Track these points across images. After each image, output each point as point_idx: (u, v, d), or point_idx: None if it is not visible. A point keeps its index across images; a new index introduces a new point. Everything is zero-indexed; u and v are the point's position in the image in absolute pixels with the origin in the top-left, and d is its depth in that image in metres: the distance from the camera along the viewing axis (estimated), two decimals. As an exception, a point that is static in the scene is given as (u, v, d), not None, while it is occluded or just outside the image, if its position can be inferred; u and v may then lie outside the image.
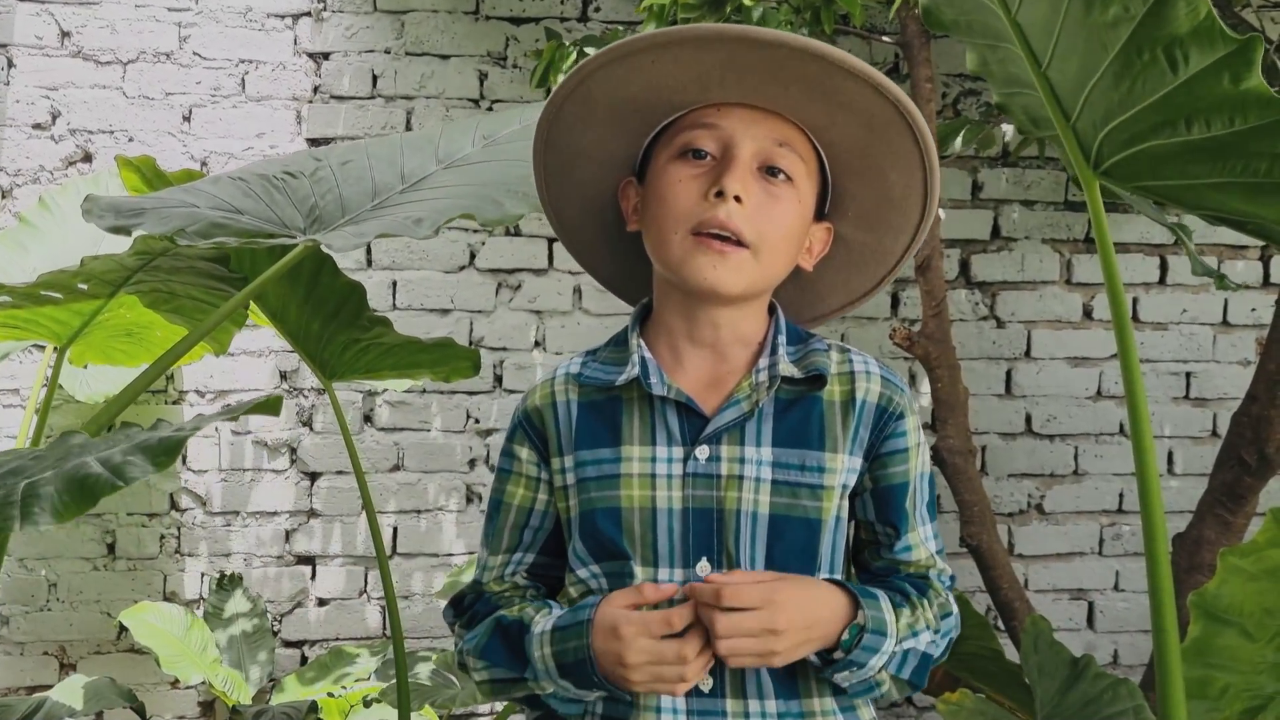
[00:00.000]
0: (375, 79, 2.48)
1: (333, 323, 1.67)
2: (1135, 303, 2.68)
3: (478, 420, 2.54)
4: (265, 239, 1.25)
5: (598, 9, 2.54)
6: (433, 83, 2.49)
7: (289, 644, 2.50)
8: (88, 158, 2.40)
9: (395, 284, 2.51)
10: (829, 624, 0.93)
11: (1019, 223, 2.65)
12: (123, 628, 2.34)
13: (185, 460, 2.46)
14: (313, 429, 2.49)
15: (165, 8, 2.41)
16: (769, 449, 0.96)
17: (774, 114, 0.98)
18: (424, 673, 2.13)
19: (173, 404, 2.45)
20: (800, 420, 0.98)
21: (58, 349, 1.86)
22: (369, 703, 2.10)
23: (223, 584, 2.41)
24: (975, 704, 1.62)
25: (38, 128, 2.39)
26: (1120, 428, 2.67)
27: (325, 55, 2.47)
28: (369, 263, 2.50)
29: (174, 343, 1.93)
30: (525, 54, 2.50)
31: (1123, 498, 2.69)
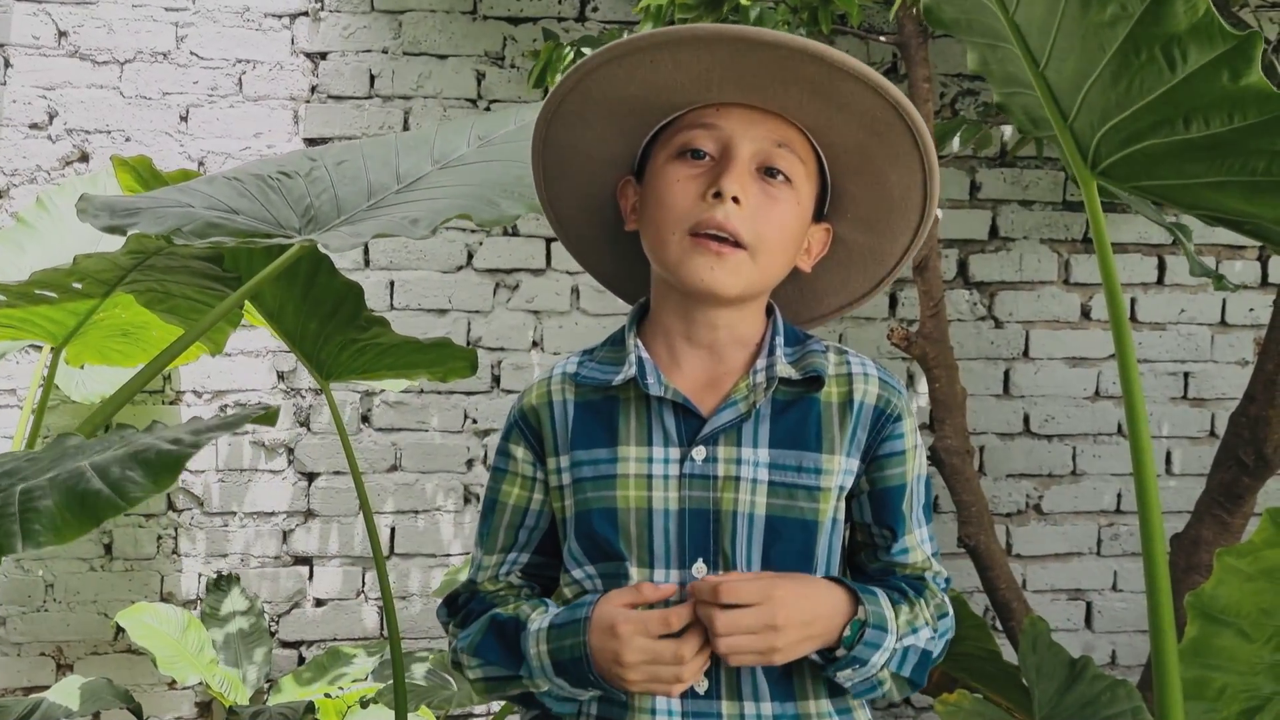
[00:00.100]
0: (373, 79, 2.48)
1: (330, 323, 1.66)
2: (1133, 303, 2.68)
3: (475, 420, 2.53)
4: (262, 239, 1.25)
5: (595, 9, 2.54)
6: (430, 83, 2.49)
7: (286, 644, 2.50)
8: (85, 157, 2.40)
9: (393, 284, 2.50)
10: (829, 620, 0.92)
11: (1017, 223, 2.65)
12: (120, 628, 2.33)
13: (182, 460, 2.45)
14: (310, 429, 2.49)
15: (162, 7, 2.40)
16: (766, 450, 0.96)
17: (773, 114, 0.97)
18: (421, 673, 2.12)
19: (170, 404, 2.44)
20: (797, 421, 0.97)
21: (53, 349, 1.85)
22: (366, 703, 2.10)
23: (219, 584, 2.41)
24: (973, 705, 1.62)
25: (35, 127, 2.38)
26: (1118, 428, 2.67)
27: (323, 55, 2.47)
28: (366, 263, 2.49)
29: (168, 342, 1.93)
30: (523, 54, 2.50)
31: (1121, 498, 2.69)
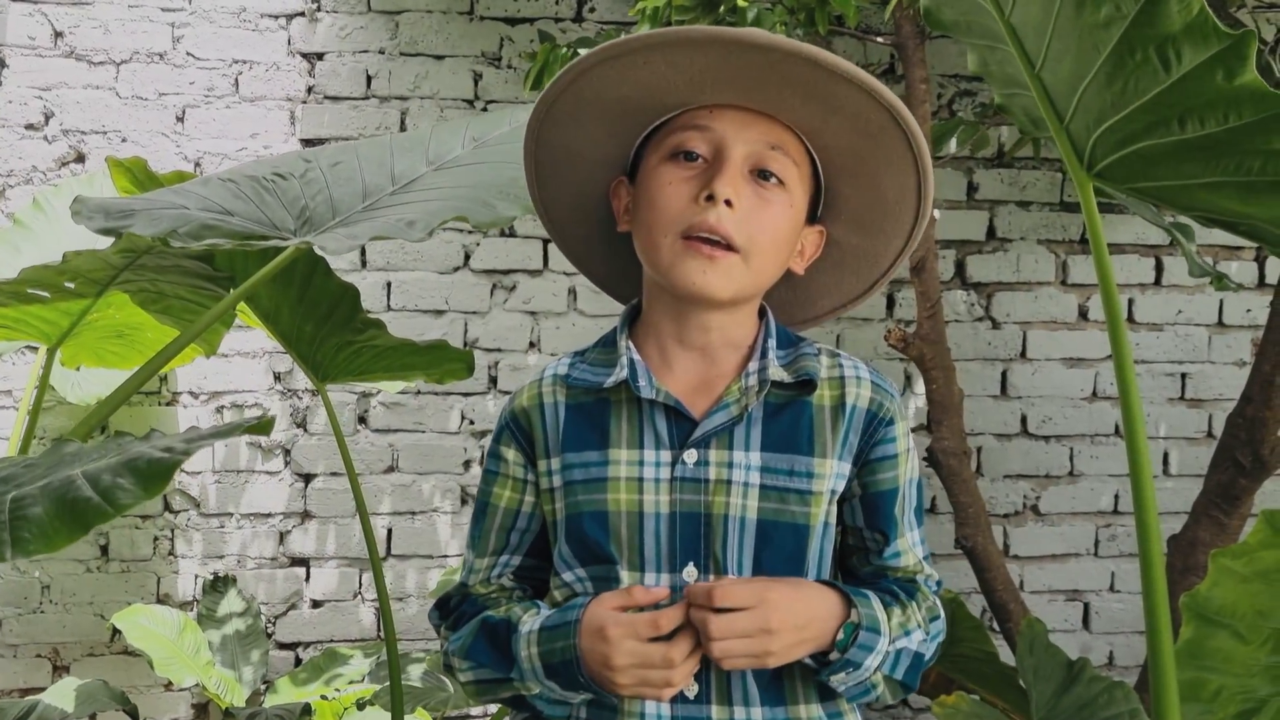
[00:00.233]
0: (369, 79, 2.48)
1: (325, 325, 1.66)
2: (1130, 303, 2.68)
3: (472, 421, 2.53)
4: (257, 241, 1.24)
5: (592, 9, 2.53)
6: (427, 83, 2.49)
7: (283, 645, 2.50)
8: (81, 158, 2.40)
9: (390, 285, 2.50)
10: (823, 622, 0.92)
11: (1014, 223, 2.65)
12: (116, 630, 2.33)
13: (179, 462, 2.45)
14: (307, 430, 2.49)
15: (158, 8, 2.40)
16: (757, 454, 0.96)
17: (767, 116, 0.97)
18: (417, 675, 2.12)
19: (166, 405, 2.44)
20: (789, 425, 0.97)
21: (48, 350, 1.85)
22: (362, 705, 2.10)
23: (216, 586, 2.41)
24: (971, 707, 1.62)
25: (31, 128, 2.38)
26: (1116, 429, 2.67)
27: (319, 55, 2.47)
28: (363, 264, 2.49)
29: (164, 343, 1.93)
30: (520, 54, 2.50)
31: (1118, 499, 2.69)
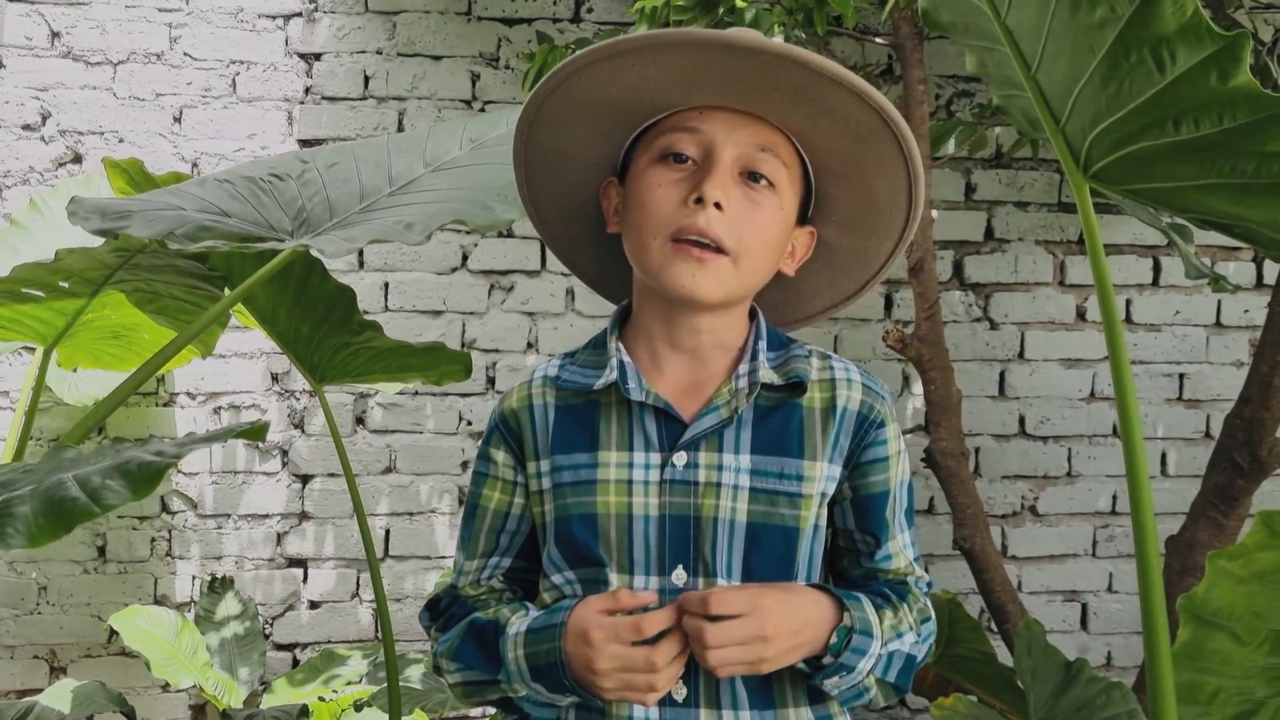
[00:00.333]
0: (367, 80, 2.48)
1: (322, 326, 1.66)
2: (1128, 304, 2.68)
3: (470, 422, 2.53)
4: (254, 243, 1.24)
5: (590, 10, 2.53)
6: (425, 84, 2.49)
7: (280, 647, 2.49)
8: (78, 159, 2.39)
9: (387, 285, 2.50)
10: (816, 627, 0.92)
11: (1012, 224, 2.65)
12: (113, 631, 2.33)
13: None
14: (304, 431, 2.48)
15: (156, 8, 2.40)
16: (747, 456, 0.96)
17: (757, 118, 0.96)
18: (415, 676, 2.12)
19: (163, 406, 2.44)
20: (780, 427, 0.97)
21: (44, 350, 1.85)
22: (360, 706, 2.09)
23: (214, 587, 2.40)
24: (969, 709, 1.62)
25: (27, 129, 2.38)
26: (1114, 429, 2.67)
27: (317, 56, 2.46)
28: (361, 264, 2.49)
29: (160, 345, 1.93)
30: (517, 55, 2.49)
31: (1116, 499, 2.69)
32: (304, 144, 2.48)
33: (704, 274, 0.94)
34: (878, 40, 2.36)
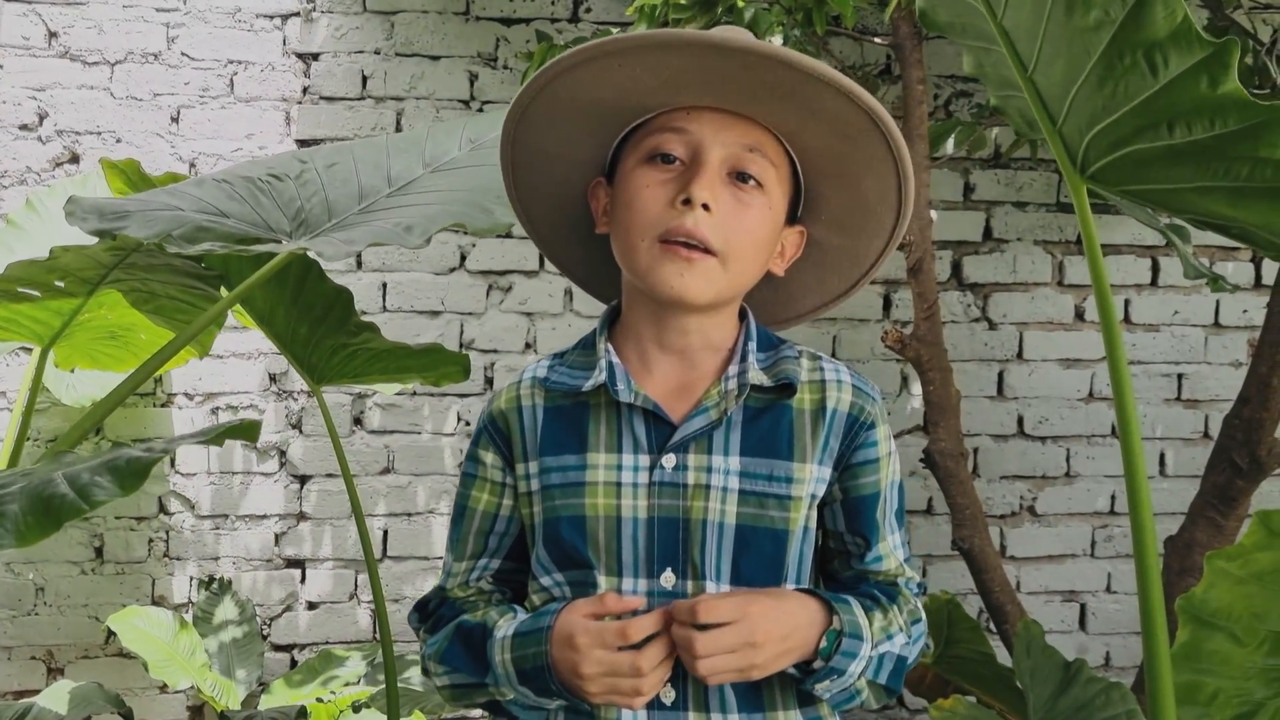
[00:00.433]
0: (365, 80, 2.47)
1: (320, 327, 1.66)
2: (1127, 304, 2.68)
3: (468, 423, 2.53)
4: (252, 244, 1.24)
5: (588, 10, 2.53)
6: (423, 84, 2.48)
7: (278, 648, 2.49)
8: (75, 159, 2.39)
9: (385, 286, 2.50)
10: (806, 632, 0.91)
11: (1011, 224, 2.65)
12: (111, 632, 2.32)
13: (174, 464, 2.44)
14: (302, 432, 2.48)
15: (153, 8, 2.39)
16: (737, 458, 0.95)
17: (745, 118, 0.96)
18: (414, 677, 2.12)
19: (161, 407, 2.43)
20: (769, 429, 0.96)
21: (41, 350, 1.84)
22: (358, 707, 2.09)
23: (211, 588, 2.40)
24: (969, 710, 1.62)
25: (25, 129, 2.37)
26: (1112, 429, 2.67)
27: (315, 56, 2.46)
28: (359, 264, 2.48)
29: (158, 345, 1.92)
30: (516, 55, 2.49)
31: (1114, 499, 2.69)
32: (302, 144, 2.48)
33: (692, 274, 0.94)
34: (876, 40, 2.35)
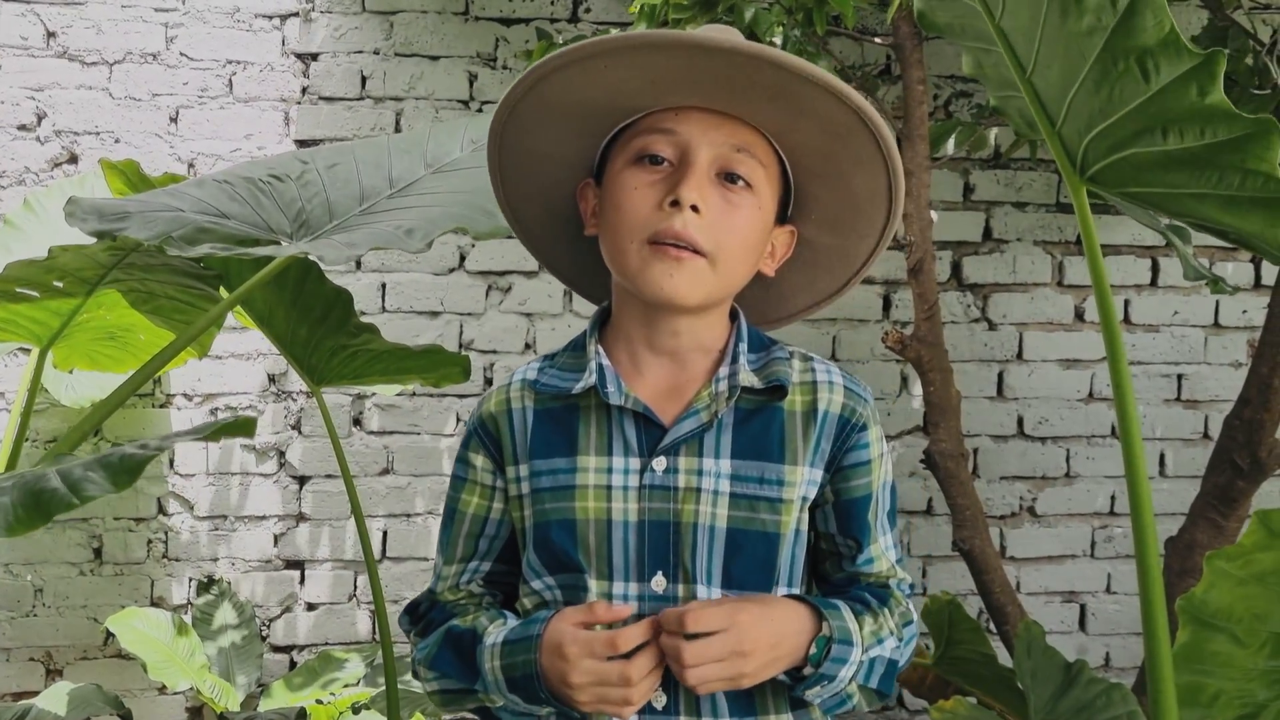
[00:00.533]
0: (364, 80, 2.47)
1: (320, 328, 1.65)
2: (1126, 304, 2.68)
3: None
4: (252, 246, 1.24)
5: (588, 10, 2.53)
6: (422, 84, 2.48)
7: (277, 649, 2.49)
8: (73, 159, 2.38)
9: (384, 286, 2.49)
10: (795, 639, 0.91)
11: (1010, 224, 2.65)
12: (110, 633, 2.32)
13: (173, 464, 2.44)
14: (301, 433, 2.48)
15: (152, 8, 2.39)
16: (728, 461, 0.95)
17: (733, 118, 0.95)
18: (414, 679, 2.11)
19: (160, 408, 2.43)
20: (760, 431, 0.96)
21: (40, 351, 1.84)
22: (358, 709, 2.09)
23: (210, 589, 2.39)
24: (969, 712, 1.62)
25: (23, 129, 2.37)
26: (1112, 430, 2.67)
27: (314, 56, 2.46)
28: (358, 265, 2.48)
29: (157, 346, 1.92)
30: (515, 55, 2.49)
31: (1114, 500, 2.69)
32: (301, 144, 2.47)
33: (681, 275, 0.93)
34: (877, 40, 2.35)
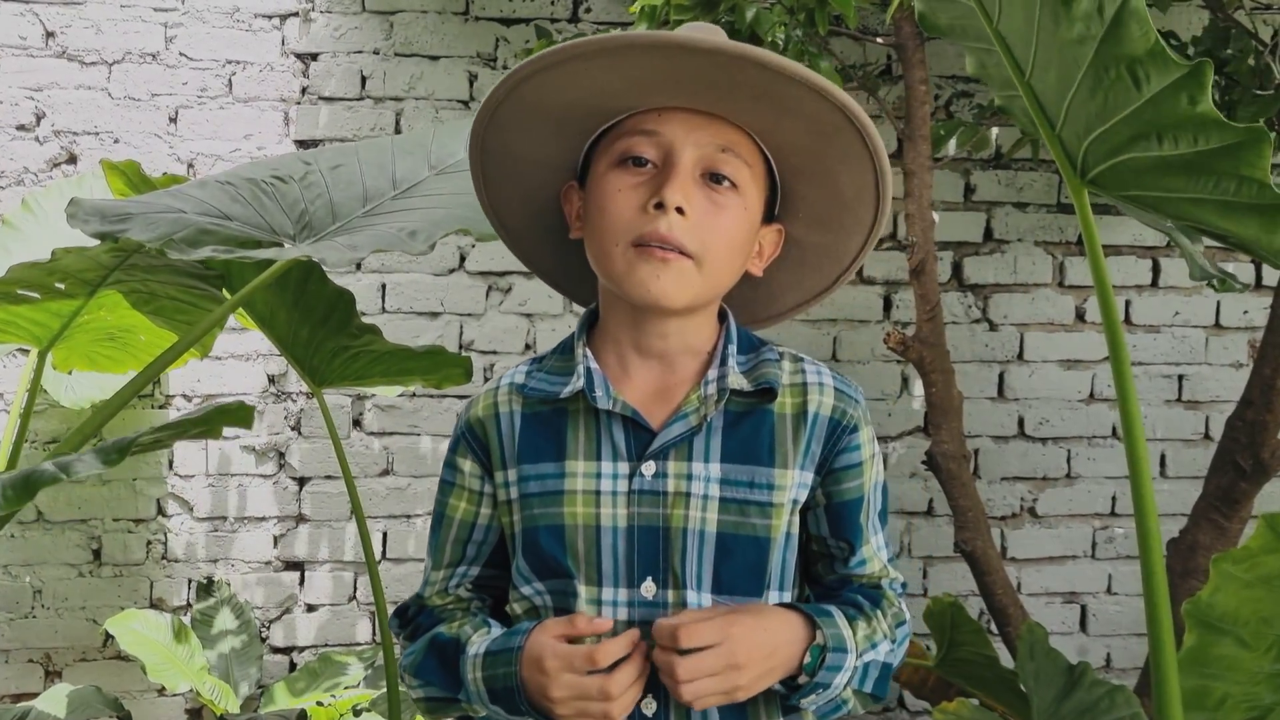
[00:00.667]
0: (364, 80, 2.46)
1: (321, 330, 1.65)
2: (1128, 305, 2.68)
3: (468, 424, 2.51)
4: (254, 248, 1.23)
5: (588, 10, 2.52)
6: (422, 84, 2.47)
7: (277, 650, 2.48)
8: (72, 159, 2.37)
9: (384, 286, 2.48)
10: (789, 649, 0.91)
11: (1011, 225, 2.65)
12: (109, 635, 2.31)
13: (172, 465, 2.43)
14: (301, 434, 2.47)
15: (151, 8, 2.38)
16: (717, 465, 0.94)
17: (717, 117, 0.94)
18: (414, 680, 2.10)
19: (159, 409, 2.42)
20: (750, 434, 0.95)
21: (39, 352, 1.83)
22: (359, 711, 2.08)
23: (207, 589, 2.38)
24: (972, 714, 1.61)
25: (21, 129, 2.36)
26: (1113, 430, 2.67)
27: (313, 56, 2.45)
28: (358, 265, 2.47)
29: (157, 347, 1.91)
30: (515, 55, 2.48)
31: (1115, 501, 2.69)
32: (300, 144, 2.46)
33: (668, 276, 0.92)
34: (878, 40, 2.35)
